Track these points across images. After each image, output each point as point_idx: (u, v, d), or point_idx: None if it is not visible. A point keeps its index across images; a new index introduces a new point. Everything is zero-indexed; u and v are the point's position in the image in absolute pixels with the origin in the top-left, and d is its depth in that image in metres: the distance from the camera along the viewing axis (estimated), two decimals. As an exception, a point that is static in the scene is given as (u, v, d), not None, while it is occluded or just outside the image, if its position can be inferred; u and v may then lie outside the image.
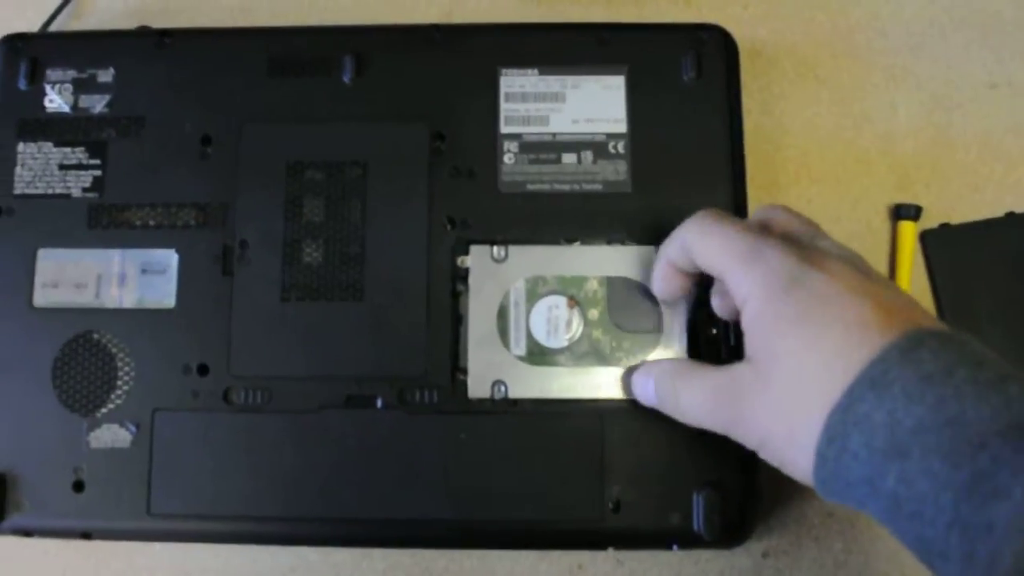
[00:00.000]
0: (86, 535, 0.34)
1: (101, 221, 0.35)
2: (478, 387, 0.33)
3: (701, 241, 0.29)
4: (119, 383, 0.34)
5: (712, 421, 0.29)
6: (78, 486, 0.33)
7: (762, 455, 0.28)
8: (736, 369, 0.28)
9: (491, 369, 0.33)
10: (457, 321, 0.34)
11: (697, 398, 0.30)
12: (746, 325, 0.28)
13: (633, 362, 0.33)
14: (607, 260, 0.34)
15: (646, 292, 0.34)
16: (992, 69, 0.39)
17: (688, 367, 0.31)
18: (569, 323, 0.34)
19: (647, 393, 0.32)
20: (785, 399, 0.26)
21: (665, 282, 0.32)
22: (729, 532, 0.32)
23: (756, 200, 0.36)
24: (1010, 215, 0.37)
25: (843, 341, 0.25)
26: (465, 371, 0.33)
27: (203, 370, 0.34)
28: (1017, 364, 0.35)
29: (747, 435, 0.28)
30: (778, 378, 0.27)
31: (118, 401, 0.34)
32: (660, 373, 0.32)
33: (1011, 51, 0.39)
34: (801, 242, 0.29)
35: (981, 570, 0.21)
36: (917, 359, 0.24)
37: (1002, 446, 0.22)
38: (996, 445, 0.22)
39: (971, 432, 0.22)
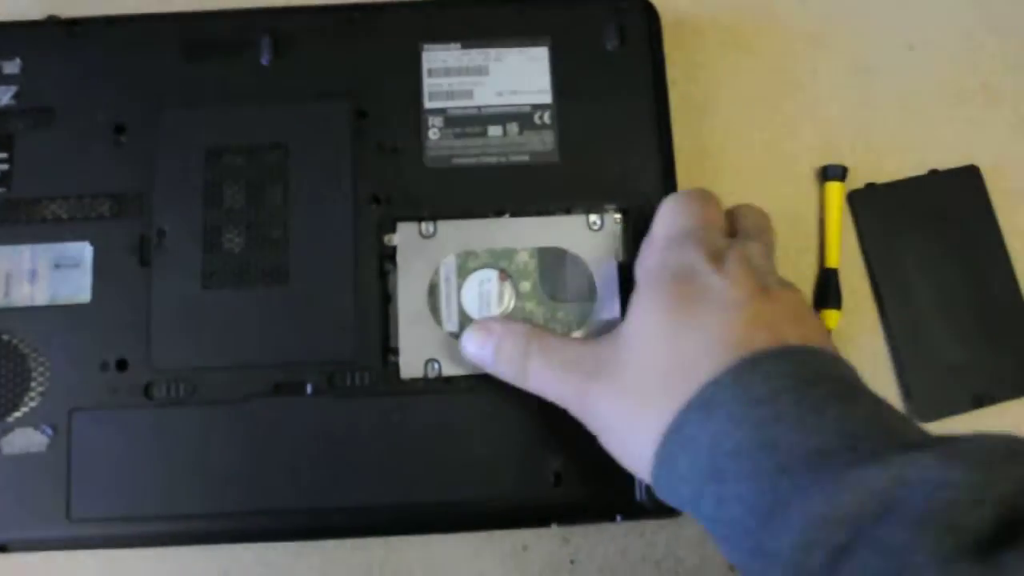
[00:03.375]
0: (2, 548, 0.32)
1: (9, 217, 0.34)
2: (411, 367, 0.32)
3: (663, 208, 0.31)
4: (33, 384, 0.32)
5: (558, 393, 0.29)
6: (-9, 496, 0.31)
7: (601, 443, 0.28)
8: (600, 344, 0.28)
9: (424, 347, 0.32)
10: (386, 301, 0.33)
11: (550, 365, 0.29)
12: (633, 297, 0.28)
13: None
14: (537, 231, 0.33)
15: (577, 262, 0.33)
16: (909, 32, 0.39)
17: (544, 332, 0.30)
18: (501, 296, 0.33)
19: (484, 354, 0.30)
20: (630, 396, 0.26)
21: None
22: (673, 500, 0.32)
23: (685, 168, 0.36)
24: (933, 172, 0.37)
25: (695, 353, 0.25)
26: (397, 351, 0.33)
27: (122, 365, 0.32)
28: (945, 317, 0.35)
29: (589, 419, 0.28)
30: (632, 368, 0.26)
31: (32, 404, 0.32)
32: (509, 334, 0.30)
33: (927, 13, 0.40)
34: (733, 240, 0.29)
35: None
36: (748, 382, 0.23)
37: (803, 473, 0.21)
38: (798, 471, 0.21)
39: (780, 457, 0.22)
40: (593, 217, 0.34)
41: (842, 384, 0.24)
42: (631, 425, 0.26)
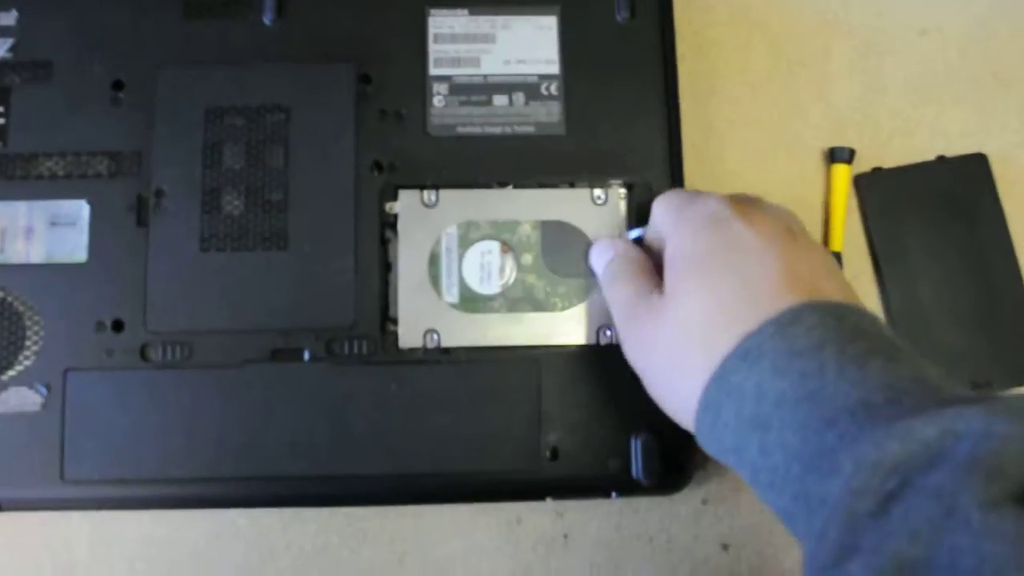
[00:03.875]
0: (-5, 506, 0.32)
1: (5, 172, 0.33)
2: (409, 336, 0.32)
3: (654, 207, 0.31)
4: (28, 343, 0.32)
5: (618, 322, 0.30)
6: (-16, 454, 0.31)
7: (645, 386, 0.29)
8: (654, 293, 0.29)
9: (423, 317, 0.32)
10: (386, 269, 0.33)
11: (620, 295, 0.30)
12: (667, 260, 0.28)
13: (568, 307, 0.33)
14: (540, 204, 0.33)
15: (580, 236, 0.33)
16: (922, 15, 0.39)
17: (637, 264, 0.31)
18: (502, 269, 0.33)
19: (599, 263, 0.32)
20: (674, 343, 0.27)
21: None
22: (668, 477, 0.32)
23: (691, 144, 0.35)
24: (940, 159, 0.37)
25: (735, 303, 0.26)
26: (396, 320, 0.32)
27: (118, 326, 0.32)
28: (946, 303, 0.36)
29: (632, 356, 0.29)
30: (673, 319, 0.27)
31: (27, 362, 0.32)
32: (620, 255, 0.31)
33: (940, -2, 0.39)
34: (743, 198, 0.29)
35: (816, 541, 0.21)
36: (791, 334, 0.24)
37: (849, 423, 0.22)
38: (844, 422, 0.22)
39: (825, 408, 0.23)
40: (597, 191, 0.33)
41: (882, 340, 0.24)
42: (676, 371, 0.27)
